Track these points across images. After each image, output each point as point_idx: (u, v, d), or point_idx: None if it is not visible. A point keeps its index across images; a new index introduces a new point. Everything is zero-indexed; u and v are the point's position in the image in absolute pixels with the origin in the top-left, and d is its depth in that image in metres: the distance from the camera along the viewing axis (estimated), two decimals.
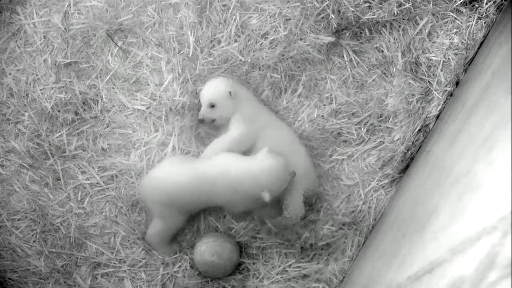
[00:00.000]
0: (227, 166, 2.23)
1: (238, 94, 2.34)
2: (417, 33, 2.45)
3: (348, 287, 2.28)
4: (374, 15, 2.41)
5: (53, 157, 2.44)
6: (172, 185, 2.26)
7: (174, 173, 2.27)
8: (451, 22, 2.45)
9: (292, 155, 2.34)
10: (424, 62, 2.45)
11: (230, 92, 2.31)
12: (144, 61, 2.47)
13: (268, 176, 2.19)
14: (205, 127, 2.46)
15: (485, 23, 2.42)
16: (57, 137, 2.45)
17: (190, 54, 2.42)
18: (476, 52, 2.42)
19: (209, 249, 2.32)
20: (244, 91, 2.38)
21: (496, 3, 2.41)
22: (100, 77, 2.47)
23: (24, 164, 2.44)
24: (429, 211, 1.72)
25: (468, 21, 2.44)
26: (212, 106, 2.33)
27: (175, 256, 2.41)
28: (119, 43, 2.46)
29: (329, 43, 2.43)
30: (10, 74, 2.46)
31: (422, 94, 2.44)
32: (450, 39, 2.44)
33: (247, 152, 2.35)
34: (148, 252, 2.42)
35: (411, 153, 2.43)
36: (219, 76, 2.41)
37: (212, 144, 2.36)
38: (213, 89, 2.33)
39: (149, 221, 2.41)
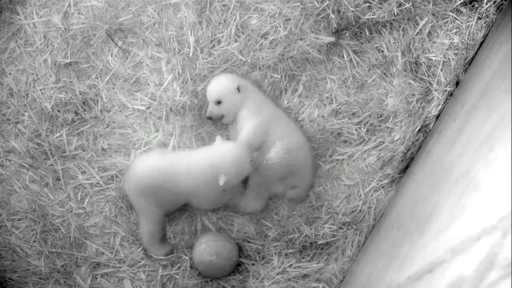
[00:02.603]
0: (188, 155, 2.27)
1: (244, 88, 2.35)
2: (417, 33, 2.45)
3: (348, 287, 2.28)
4: (374, 15, 2.41)
5: (53, 157, 2.44)
6: (148, 175, 2.27)
7: (151, 164, 2.28)
8: (451, 22, 2.45)
9: (297, 150, 2.35)
10: (424, 62, 2.45)
11: (238, 88, 2.33)
12: (144, 61, 2.47)
13: (223, 161, 2.19)
14: (206, 126, 2.47)
15: (485, 23, 2.42)
16: (57, 137, 2.45)
17: (190, 54, 2.42)
18: (476, 52, 2.42)
19: (208, 249, 2.32)
20: (249, 85, 2.39)
21: (496, 3, 2.41)
22: (100, 77, 2.47)
23: (24, 164, 2.44)
24: (429, 211, 1.72)
25: (468, 21, 2.44)
26: (219, 102, 2.34)
27: (171, 256, 2.41)
28: (119, 43, 2.46)
29: (329, 43, 2.43)
30: (10, 74, 2.46)
31: (422, 94, 2.44)
32: (450, 39, 2.44)
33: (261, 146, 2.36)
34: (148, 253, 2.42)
35: (411, 153, 2.43)
36: (224, 73, 2.41)
37: (239, 139, 2.35)
38: (220, 86, 2.35)
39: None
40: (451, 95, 2.42)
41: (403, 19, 2.45)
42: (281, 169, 2.33)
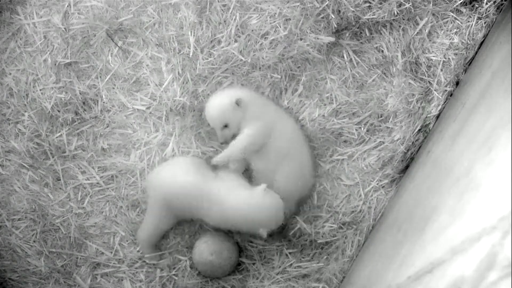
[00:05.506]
0: (227, 194, 2.23)
1: (242, 99, 2.31)
2: (417, 33, 2.45)
3: (348, 287, 2.28)
4: (374, 15, 2.41)
5: (53, 157, 2.44)
6: (174, 186, 2.26)
7: (182, 176, 2.27)
8: (451, 22, 2.45)
9: (296, 153, 2.35)
10: (424, 62, 2.45)
11: (236, 102, 2.28)
12: (144, 61, 2.47)
13: (266, 216, 2.20)
14: (206, 126, 2.47)
15: (485, 23, 2.42)
16: (57, 137, 2.45)
17: (190, 54, 2.42)
18: (476, 52, 2.42)
19: (208, 248, 2.32)
20: (246, 93, 2.36)
21: (496, 3, 2.42)
22: (100, 77, 2.47)
23: (24, 164, 2.44)
24: (429, 211, 1.72)
25: (468, 21, 2.44)
26: (226, 126, 2.32)
27: (163, 260, 2.40)
28: (119, 43, 2.46)
29: (329, 43, 2.43)
30: (10, 74, 2.46)
31: (422, 94, 2.44)
32: (450, 39, 2.44)
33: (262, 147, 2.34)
34: None
35: (411, 153, 2.43)
36: (217, 92, 2.37)
37: (233, 144, 2.31)
38: (220, 109, 2.29)
39: None
40: (451, 95, 2.42)
41: (403, 19, 2.45)
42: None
